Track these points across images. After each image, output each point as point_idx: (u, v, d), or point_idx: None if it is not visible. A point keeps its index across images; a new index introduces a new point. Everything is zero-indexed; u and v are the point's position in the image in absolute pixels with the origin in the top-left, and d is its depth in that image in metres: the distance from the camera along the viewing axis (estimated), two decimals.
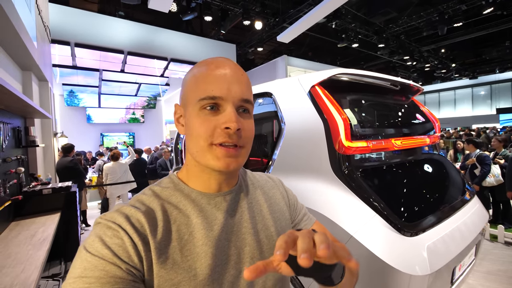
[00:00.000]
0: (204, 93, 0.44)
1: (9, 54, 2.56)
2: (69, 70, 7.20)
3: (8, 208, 2.15)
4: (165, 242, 0.42)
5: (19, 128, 2.55)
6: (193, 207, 0.47)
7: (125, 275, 0.37)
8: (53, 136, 4.04)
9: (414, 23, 8.33)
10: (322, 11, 5.60)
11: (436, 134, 1.83)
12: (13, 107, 2.15)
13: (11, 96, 1.68)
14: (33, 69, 3.15)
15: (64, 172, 3.67)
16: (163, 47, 6.69)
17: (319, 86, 1.38)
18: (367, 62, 13.19)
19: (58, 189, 2.68)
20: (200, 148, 0.45)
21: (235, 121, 0.43)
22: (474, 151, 3.87)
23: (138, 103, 10.94)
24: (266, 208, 0.56)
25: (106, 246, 0.38)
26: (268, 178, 0.65)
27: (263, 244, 0.52)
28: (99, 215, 0.43)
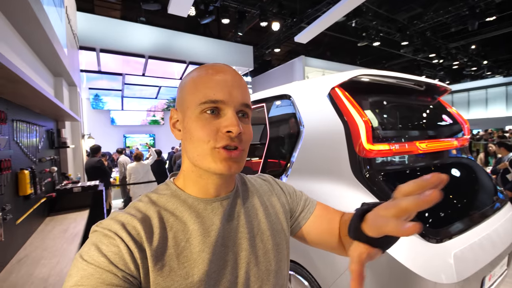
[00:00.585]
0: (205, 97, 0.44)
1: (43, 61, 2.76)
2: (94, 74, 7.61)
3: (43, 205, 2.32)
4: (162, 250, 0.42)
5: (52, 131, 2.74)
6: (190, 213, 0.47)
7: (122, 283, 0.37)
8: (81, 137, 4.29)
9: (441, 18, 7.90)
10: (341, 9, 5.49)
11: (465, 136, 1.74)
12: (47, 111, 2.31)
13: (46, 101, 1.81)
14: (63, 75, 3.37)
15: (92, 171, 3.88)
16: (181, 50, 6.87)
17: (339, 88, 1.36)
18: (389, 61, 12.70)
19: (87, 187, 2.84)
20: (201, 152, 0.45)
21: (237, 125, 0.43)
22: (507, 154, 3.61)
23: (158, 106, 11.33)
24: (262, 212, 0.56)
25: (102, 254, 0.38)
26: (262, 181, 0.64)
27: (258, 248, 0.51)
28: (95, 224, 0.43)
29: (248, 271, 0.49)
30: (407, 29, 8.47)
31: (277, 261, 0.53)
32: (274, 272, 0.52)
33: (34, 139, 2.11)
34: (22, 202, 1.81)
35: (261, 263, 0.51)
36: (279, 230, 0.57)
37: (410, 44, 8.96)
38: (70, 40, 3.54)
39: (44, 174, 2.33)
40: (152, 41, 6.44)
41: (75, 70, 4.04)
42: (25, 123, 1.92)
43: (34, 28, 1.97)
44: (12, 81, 1.23)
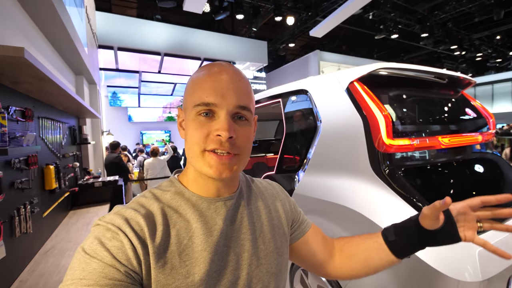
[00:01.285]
0: (199, 99, 0.45)
1: (65, 60, 2.87)
2: (112, 72, 7.85)
3: (67, 199, 2.44)
4: (164, 247, 0.42)
5: (74, 127, 2.86)
6: (193, 211, 0.47)
7: (124, 278, 0.37)
8: (101, 134, 4.46)
9: (464, 8, 7.49)
10: (358, 1, 5.33)
11: (490, 131, 1.65)
12: (70, 108, 2.41)
13: (70, 99, 1.89)
14: (84, 73, 3.50)
15: (111, 167, 4.03)
16: (196, 47, 6.94)
17: (358, 82, 1.33)
18: (408, 54, 12.23)
19: (107, 182, 2.95)
20: (194, 154, 0.46)
21: (226, 129, 0.43)
22: None
23: (174, 102, 11.54)
24: (265, 215, 0.56)
25: (105, 248, 0.38)
26: (268, 185, 0.65)
27: (260, 250, 0.51)
28: (98, 218, 0.43)
29: (249, 272, 0.49)
30: (427, 20, 8.09)
31: (278, 263, 0.54)
32: (274, 274, 0.52)
33: (58, 136, 2.21)
34: (48, 196, 1.91)
35: (262, 265, 0.51)
36: (281, 234, 0.57)
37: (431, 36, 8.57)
38: (90, 39, 3.67)
39: (67, 169, 2.44)
40: (167, 38, 6.55)
41: (94, 68, 4.18)
42: (50, 120, 2.01)
43: (57, 28, 2.05)
44: (40, 80, 1.30)
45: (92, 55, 3.95)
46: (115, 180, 3.00)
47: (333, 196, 1.30)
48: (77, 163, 2.75)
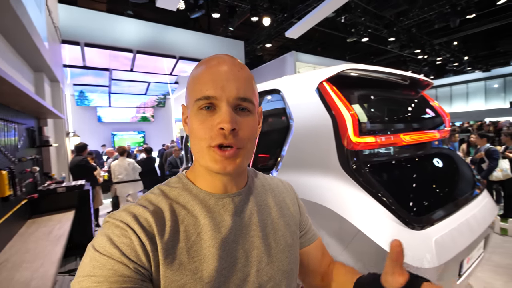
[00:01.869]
0: (199, 93, 0.44)
1: (21, 56, 2.64)
2: (79, 70, 7.36)
3: (24, 206, 2.23)
4: (173, 243, 0.42)
5: (33, 128, 2.64)
6: (201, 207, 0.47)
7: (133, 274, 0.37)
8: (65, 135, 4.16)
9: (425, 15, 8.07)
10: (331, 5, 5.51)
11: (446, 128, 1.79)
12: (28, 108, 2.22)
13: (26, 98, 1.74)
14: (45, 70, 3.24)
15: (77, 170, 3.77)
16: (171, 45, 6.74)
17: (327, 82, 1.37)
18: (377, 57, 12.91)
19: (72, 187, 2.76)
20: (200, 150, 0.45)
21: (228, 121, 0.42)
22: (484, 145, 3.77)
23: (148, 102, 11.11)
24: (276, 212, 0.55)
25: (115, 245, 0.38)
26: (279, 182, 0.64)
27: (271, 247, 0.51)
28: (108, 214, 0.43)
29: (259, 269, 0.48)
30: (394, 25, 8.61)
31: (289, 261, 0.53)
32: (286, 272, 0.51)
33: (13, 138, 2.03)
34: (0, 204, 1.74)
35: (273, 263, 0.50)
36: (292, 232, 0.56)
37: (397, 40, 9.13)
38: (51, 33, 3.40)
39: (24, 175, 2.25)
40: (140, 35, 6.28)
41: (57, 65, 3.89)
42: (2, 120, 1.83)
43: (10, 19, 1.87)
44: None
45: (54, 51, 3.67)
46: (81, 184, 2.81)
47: (306, 194, 1.33)
48: (36, 167, 2.54)
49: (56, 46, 3.96)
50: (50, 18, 3.37)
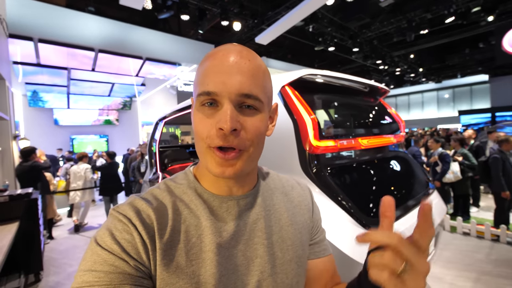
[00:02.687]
0: (201, 87, 0.40)
1: None
2: (33, 68, 6.72)
3: None
4: (172, 243, 0.41)
5: None
6: (204, 208, 0.44)
7: (134, 271, 0.37)
8: (12, 139, 3.73)
9: (385, 29, 8.76)
10: (298, 14, 5.72)
11: (401, 133, 1.92)
12: None
13: None
14: None
15: (24, 177, 3.39)
16: (138, 45, 6.45)
17: (289, 86, 1.39)
18: (343, 65, 13.66)
19: (16, 196, 2.47)
20: (200, 149, 0.42)
21: (228, 121, 0.37)
22: (437, 149, 4.14)
23: (112, 105, 10.46)
24: (287, 218, 0.51)
25: (116, 241, 0.37)
26: (296, 184, 0.58)
27: (276, 257, 0.47)
28: (112, 207, 0.42)
29: (260, 280, 0.44)
30: (358, 36, 9.20)
31: (295, 274, 0.48)
32: (290, 286, 0.47)
33: None
34: None
35: (277, 274, 0.46)
36: (303, 242, 0.52)
37: (360, 50, 9.76)
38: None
39: None
40: (103, 33, 5.92)
41: (2, 60, 3.49)
42: None
43: None
44: None
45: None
46: (28, 193, 2.53)
47: None
48: None
49: (1, 40, 3.56)
50: None
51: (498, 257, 2.95)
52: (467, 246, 3.27)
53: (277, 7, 7.14)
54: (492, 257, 2.96)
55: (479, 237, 3.46)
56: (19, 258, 2.45)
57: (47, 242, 3.83)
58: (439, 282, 2.48)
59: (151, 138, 3.13)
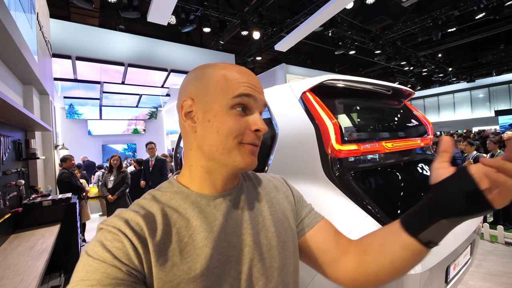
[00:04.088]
0: (238, 90, 0.46)
1: (10, 68, 2.64)
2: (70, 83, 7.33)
3: (7, 221, 2.17)
4: (164, 245, 0.43)
5: (19, 141, 2.60)
6: (192, 209, 0.47)
7: (126, 277, 0.38)
8: (53, 148, 4.09)
9: (409, 29, 8.46)
10: (317, 20, 5.73)
11: (428, 136, 1.85)
12: (14, 120, 2.20)
13: (12, 110, 1.73)
14: (33, 83, 3.23)
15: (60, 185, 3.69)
16: (163, 58, 6.82)
17: (309, 92, 1.42)
18: (365, 68, 13.31)
19: (58, 200, 2.70)
20: (227, 146, 0.46)
21: (264, 124, 0.47)
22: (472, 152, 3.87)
23: (140, 116, 11.06)
24: (267, 209, 0.56)
25: (107, 249, 0.39)
26: (271, 178, 0.64)
27: (262, 245, 0.51)
28: (100, 221, 0.44)
29: (251, 267, 0.48)
30: (380, 38, 8.96)
31: (281, 258, 0.52)
32: (278, 269, 0.51)
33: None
34: None
35: (265, 259, 0.50)
36: (285, 228, 0.56)
37: (383, 52, 9.47)
38: (41, 47, 3.42)
39: (9, 188, 2.19)
40: (131, 49, 6.35)
41: (47, 78, 3.88)
42: None
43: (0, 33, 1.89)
44: None
45: (44, 64, 3.68)
46: (67, 197, 2.75)
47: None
48: (22, 180, 2.49)
49: (46, 60, 3.96)
50: (41, 32, 3.39)
51: None
52: (510, 256, 3.00)
53: (296, 14, 7.21)
54: None
55: None
56: (60, 258, 2.66)
57: (82, 244, 4.10)
58: None
59: (176, 145, 3.28)
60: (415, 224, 0.45)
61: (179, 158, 2.98)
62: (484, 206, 0.38)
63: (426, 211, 0.44)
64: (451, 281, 1.26)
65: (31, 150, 2.80)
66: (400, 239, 0.47)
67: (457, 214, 0.40)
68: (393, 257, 0.48)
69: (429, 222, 0.43)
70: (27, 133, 2.92)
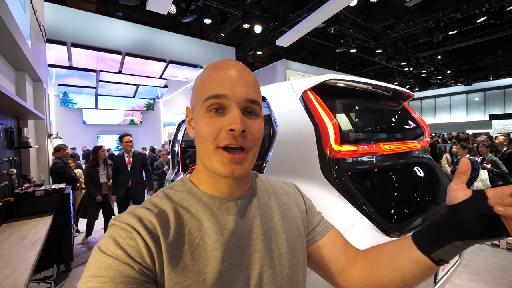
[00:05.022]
0: (208, 92, 0.44)
1: (1, 53, 2.56)
2: (65, 71, 7.19)
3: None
4: (176, 245, 0.42)
5: (11, 129, 2.54)
6: (204, 211, 0.47)
7: (138, 276, 0.38)
8: (47, 137, 4.02)
9: (411, 30, 8.43)
10: (320, 16, 5.66)
11: (425, 139, 1.86)
12: (5, 107, 2.14)
13: (3, 97, 1.68)
14: (27, 69, 3.14)
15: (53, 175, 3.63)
16: (162, 48, 6.71)
17: (310, 91, 1.40)
18: (365, 67, 13.29)
19: (51, 191, 2.66)
20: (206, 151, 0.45)
21: (239, 122, 0.42)
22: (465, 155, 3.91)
23: (137, 106, 10.93)
24: (278, 215, 0.55)
25: (120, 246, 0.38)
26: (282, 184, 0.63)
27: (273, 251, 0.50)
28: (113, 218, 0.44)
29: (261, 273, 0.48)
30: (381, 38, 8.93)
31: (291, 265, 0.52)
32: (288, 276, 0.51)
33: None
34: None
35: (275, 266, 0.50)
36: (295, 235, 0.55)
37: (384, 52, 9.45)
38: (35, 32, 3.32)
39: (0, 177, 2.15)
40: (130, 37, 6.22)
41: (40, 64, 3.78)
42: None
43: None
44: None
45: (38, 50, 3.58)
46: (61, 188, 2.72)
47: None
48: (13, 169, 2.44)
49: (40, 45, 3.85)
50: (34, 16, 3.29)
51: None
52: (496, 258, 3.07)
53: (299, 9, 7.12)
54: None
55: (510, 249, 3.24)
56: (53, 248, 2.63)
57: (76, 235, 4.08)
58: None
59: (173, 138, 3.25)
60: (429, 242, 0.47)
61: (176, 152, 2.96)
62: (499, 231, 0.39)
63: (441, 231, 0.45)
64: (439, 281, 1.28)
65: (24, 138, 2.74)
66: (412, 255, 0.48)
67: (472, 237, 0.42)
68: (403, 272, 0.49)
69: (444, 242, 0.44)
70: (19, 121, 2.86)
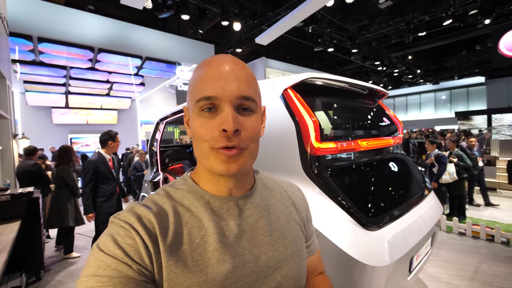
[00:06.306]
0: (200, 93, 0.43)
1: None
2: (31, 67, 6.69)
3: None
4: (176, 245, 0.42)
5: None
6: (205, 210, 0.46)
7: (137, 276, 0.37)
8: (12, 138, 3.73)
9: (384, 31, 8.83)
10: (299, 15, 5.75)
11: (399, 135, 1.97)
12: None
13: None
14: None
15: (26, 177, 3.39)
16: (137, 44, 6.44)
17: (291, 89, 1.43)
18: (342, 66, 13.71)
19: (18, 195, 2.48)
20: (202, 151, 0.45)
21: (231, 122, 0.41)
22: (433, 150, 4.19)
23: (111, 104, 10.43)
24: (285, 216, 0.54)
25: (119, 245, 0.38)
26: (289, 185, 0.63)
27: (279, 253, 0.50)
28: (113, 214, 0.43)
29: (267, 275, 0.47)
30: (357, 38, 9.25)
31: (298, 268, 0.52)
32: (294, 279, 0.50)
33: None
34: None
35: (281, 268, 0.49)
36: (300, 237, 0.55)
37: (359, 52, 9.82)
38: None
39: None
40: (103, 32, 5.91)
41: (3, 59, 3.49)
42: None
43: None
44: None
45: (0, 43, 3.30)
46: (29, 192, 2.54)
47: None
48: None
49: (2, 38, 3.56)
50: None
51: (493, 256, 3.01)
52: (463, 245, 3.33)
53: (277, 7, 7.18)
54: (487, 256, 3.02)
55: (475, 237, 3.53)
56: (21, 257, 2.47)
57: (47, 241, 3.84)
58: (436, 281, 2.53)
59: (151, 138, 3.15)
60: None
61: (154, 152, 2.88)
62: None
63: None
64: (413, 270, 1.37)
65: None
66: None
67: None
68: None
69: None
70: None
